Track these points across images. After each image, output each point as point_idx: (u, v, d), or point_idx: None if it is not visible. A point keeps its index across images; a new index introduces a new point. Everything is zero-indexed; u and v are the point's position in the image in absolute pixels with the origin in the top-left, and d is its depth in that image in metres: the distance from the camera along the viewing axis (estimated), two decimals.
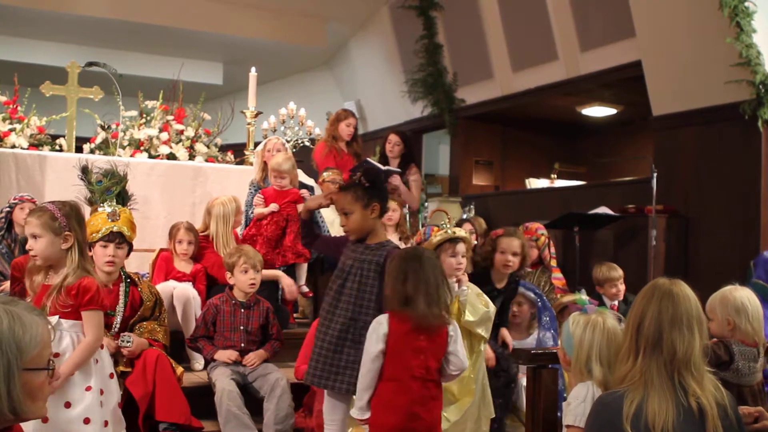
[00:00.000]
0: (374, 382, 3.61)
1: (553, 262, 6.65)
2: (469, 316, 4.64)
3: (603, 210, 8.07)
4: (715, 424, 2.63)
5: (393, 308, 3.64)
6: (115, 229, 4.53)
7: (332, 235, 6.59)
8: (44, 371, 2.15)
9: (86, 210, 5.21)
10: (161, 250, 6.00)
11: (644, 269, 7.40)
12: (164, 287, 5.48)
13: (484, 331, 4.75)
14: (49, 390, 2.22)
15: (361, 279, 3.96)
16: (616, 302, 6.32)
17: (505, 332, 5.20)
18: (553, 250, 6.72)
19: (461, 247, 4.72)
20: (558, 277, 6.56)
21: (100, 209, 4.69)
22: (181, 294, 5.53)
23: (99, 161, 6.00)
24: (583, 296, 3.67)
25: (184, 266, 5.89)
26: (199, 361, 5.50)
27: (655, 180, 7.41)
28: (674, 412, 2.61)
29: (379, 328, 3.62)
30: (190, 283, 5.83)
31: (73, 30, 11.76)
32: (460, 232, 4.75)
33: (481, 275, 5.11)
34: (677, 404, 2.63)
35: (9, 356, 2.05)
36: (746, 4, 7.07)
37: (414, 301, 3.62)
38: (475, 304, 4.67)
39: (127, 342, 4.45)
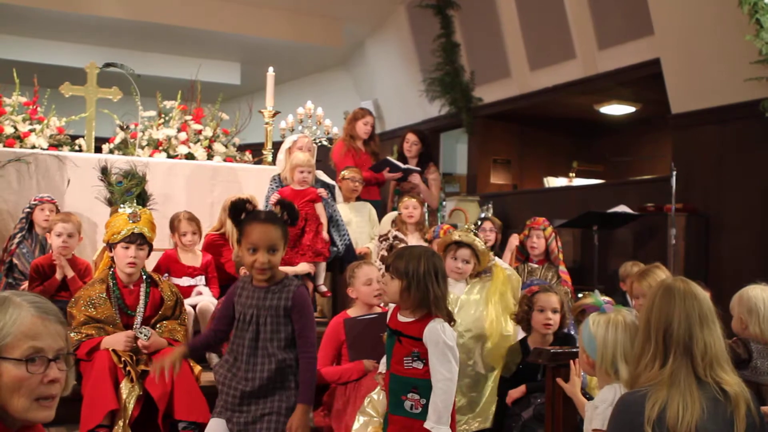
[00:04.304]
0: None
1: (561, 256, 6.62)
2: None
3: (622, 209, 8.03)
4: (743, 416, 2.60)
5: (438, 312, 3.55)
6: (136, 230, 4.57)
7: (350, 237, 6.63)
8: (24, 363, 2.05)
9: (106, 210, 5.25)
10: (166, 251, 5.96)
11: None
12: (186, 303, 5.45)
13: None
14: (45, 390, 2.09)
15: (273, 327, 3.70)
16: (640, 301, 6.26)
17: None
18: (560, 244, 6.68)
19: (462, 252, 4.69)
20: (564, 271, 6.53)
21: (120, 210, 4.71)
22: (205, 309, 5.49)
23: (118, 162, 6.02)
24: (598, 296, 3.64)
25: (191, 259, 5.83)
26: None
27: (674, 178, 7.38)
28: (699, 412, 2.56)
29: (454, 337, 3.53)
30: (203, 276, 5.79)
31: (92, 31, 11.82)
32: (466, 237, 4.70)
33: (518, 350, 4.66)
34: (703, 401, 2.59)
35: None
36: (766, 0, 7.02)
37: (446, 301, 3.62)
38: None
39: (145, 335, 4.47)
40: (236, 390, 3.70)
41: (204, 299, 5.61)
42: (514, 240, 7.02)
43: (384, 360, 3.84)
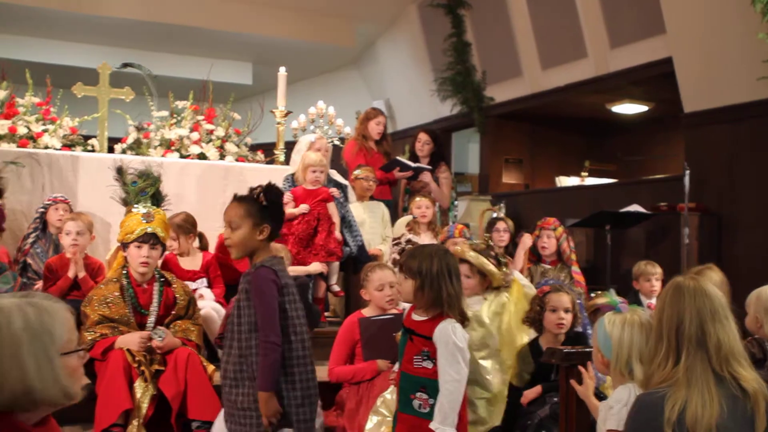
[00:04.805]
0: None
1: (573, 256, 6.59)
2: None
3: (634, 208, 8.01)
4: (763, 414, 2.58)
5: (451, 311, 3.56)
6: (149, 230, 4.60)
7: (362, 238, 6.64)
8: (76, 354, 2.25)
9: (119, 210, 5.27)
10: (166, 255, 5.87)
11: (677, 267, 7.32)
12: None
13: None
14: (81, 373, 2.31)
15: (238, 312, 3.71)
16: (653, 300, 6.26)
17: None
18: (572, 244, 6.65)
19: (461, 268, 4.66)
20: (577, 271, 6.50)
21: (134, 210, 4.74)
22: (207, 316, 5.41)
23: (132, 162, 6.03)
24: (613, 296, 3.63)
25: (190, 262, 5.75)
26: None
27: (687, 177, 7.35)
28: (718, 410, 2.54)
29: (465, 338, 3.53)
30: (204, 279, 5.75)
31: (104, 32, 11.86)
32: (468, 253, 4.67)
33: (532, 350, 4.60)
34: (722, 399, 2.56)
35: (46, 345, 2.15)
36: None
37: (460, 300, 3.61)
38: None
39: (160, 337, 4.49)
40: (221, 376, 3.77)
41: (206, 306, 5.47)
42: (528, 240, 6.94)
43: None
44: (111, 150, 7.21)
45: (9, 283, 4.92)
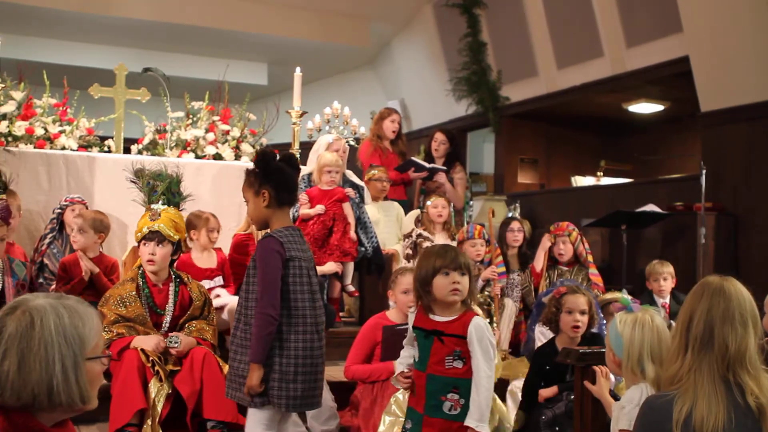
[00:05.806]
0: None
1: (590, 258, 6.56)
2: None
3: (651, 208, 7.97)
4: None
5: (473, 307, 3.57)
6: (154, 228, 4.62)
7: (377, 239, 6.64)
8: (99, 360, 2.26)
9: (136, 211, 5.30)
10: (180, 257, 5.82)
11: (693, 267, 7.31)
12: (216, 303, 5.38)
13: None
14: (101, 379, 2.31)
15: (246, 279, 3.74)
16: (666, 300, 6.25)
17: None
18: (587, 246, 6.61)
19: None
20: (594, 273, 6.47)
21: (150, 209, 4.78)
22: (233, 309, 5.40)
23: (149, 163, 6.05)
24: (626, 295, 3.60)
25: (207, 260, 5.72)
26: None
27: (703, 177, 7.32)
28: (725, 417, 2.48)
29: (492, 334, 3.51)
30: (220, 276, 5.74)
31: (120, 33, 11.92)
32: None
33: (547, 352, 4.59)
34: (730, 407, 2.51)
35: (74, 349, 2.17)
36: None
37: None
38: None
39: (175, 342, 4.50)
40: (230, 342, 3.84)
41: (231, 301, 5.44)
42: (547, 241, 6.83)
43: (400, 360, 3.80)
44: (127, 151, 7.25)
45: (23, 271, 4.99)
